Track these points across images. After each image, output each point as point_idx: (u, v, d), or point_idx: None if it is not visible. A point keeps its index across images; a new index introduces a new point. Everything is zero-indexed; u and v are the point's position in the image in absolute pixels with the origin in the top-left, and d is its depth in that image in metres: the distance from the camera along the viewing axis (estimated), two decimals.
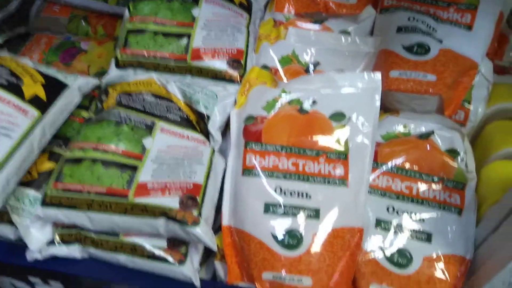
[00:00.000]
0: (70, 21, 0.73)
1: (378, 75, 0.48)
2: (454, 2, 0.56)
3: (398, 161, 0.50)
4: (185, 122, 0.49)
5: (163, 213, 0.41)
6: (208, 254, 0.50)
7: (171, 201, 0.42)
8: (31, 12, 0.74)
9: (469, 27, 0.54)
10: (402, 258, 0.45)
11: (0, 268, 0.49)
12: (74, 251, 0.45)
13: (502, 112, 0.57)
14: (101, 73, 0.64)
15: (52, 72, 0.49)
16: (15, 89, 0.45)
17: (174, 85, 0.51)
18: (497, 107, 0.56)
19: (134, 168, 0.44)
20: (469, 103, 0.55)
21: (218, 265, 0.48)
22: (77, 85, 0.50)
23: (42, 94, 0.46)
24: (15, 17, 0.73)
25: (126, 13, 0.55)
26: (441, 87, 0.49)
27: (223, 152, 0.52)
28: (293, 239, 0.44)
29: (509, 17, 0.69)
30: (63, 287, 0.50)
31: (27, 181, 0.46)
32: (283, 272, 0.43)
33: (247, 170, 0.47)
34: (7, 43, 0.71)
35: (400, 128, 0.52)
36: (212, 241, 0.42)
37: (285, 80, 0.56)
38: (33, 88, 0.46)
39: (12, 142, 0.42)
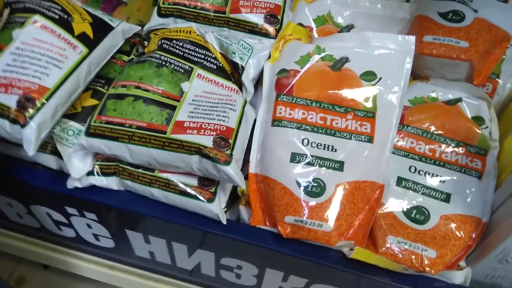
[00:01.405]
0: None
1: (412, 38, 0.50)
2: None
3: (424, 124, 0.51)
4: (221, 71, 0.52)
5: (198, 150, 0.44)
6: (233, 200, 0.53)
7: (206, 140, 0.44)
8: None
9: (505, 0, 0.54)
10: (420, 214, 0.47)
11: (38, 197, 0.53)
12: (111, 182, 0.49)
13: None
14: (139, 26, 0.66)
15: (99, 13, 0.52)
16: (66, 24, 0.48)
17: (212, 35, 0.53)
18: None
19: (173, 108, 0.46)
20: (498, 76, 0.56)
21: (242, 209, 0.51)
22: (121, 28, 0.52)
23: (90, 32, 0.49)
24: None
25: None
26: (473, 54, 0.50)
27: (254, 106, 0.54)
28: (316, 187, 0.47)
29: None
30: (97, 219, 0.53)
31: (71, 114, 0.49)
32: (305, 217, 0.46)
33: (277, 121, 0.49)
34: None
35: (428, 94, 0.53)
36: (241, 180, 0.45)
37: None
38: (82, 25, 0.49)
39: (62, 72, 0.45)
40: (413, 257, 0.45)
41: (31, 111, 0.42)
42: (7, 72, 0.43)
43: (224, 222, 0.47)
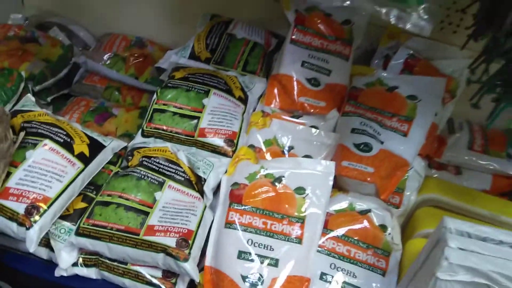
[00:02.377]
0: (106, 90, 0.91)
1: (332, 164, 0.66)
2: (397, 113, 0.75)
3: (343, 230, 0.66)
4: (187, 182, 0.66)
5: (163, 249, 0.57)
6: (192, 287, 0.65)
7: (170, 241, 0.57)
8: (75, 78, 0.94)
9: (404, 134, 0.72)
10: None
11: (29, 282, 0.64)
12: (91, 272, 0.60)
13: (429, 201, 0.74)
14: (126, 135, 0.81)
15: (95, 135, 0.67)
16: (69, 146, 0.62)
17: (182, 153, 0.68)
18: (425, 196, 0.74)
19: (146, 213, 0.60)
20: (403, 191, 0.73)
21: None
22: (112, 146, 0.68)
23: (86, 151, 0.64)
24: (63, 80, 0.92)
25: (155, 96, 0.73)
26: (376, 178, 0.67)
27: (213, 208, 0.68)
28: (256, 280, 0.59)
29: (449, 125, 0.90)
30: None
31: (64, 215, 0.61)
32: None
33: (228, 224, 0.63)
34: (53, 101, 0.89)
35: (347, 204, 0.69)
36: (196, 275, 0.57)
37: (267, 157, 0.73)
38: (81, 146, 0.63)
39: (62, 185, 0.59)
40: None
41: (36, 217, 0.55)
42: (19, 184, 0.57)
43: None
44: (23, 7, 1.07)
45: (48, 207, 0.56)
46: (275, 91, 0.78)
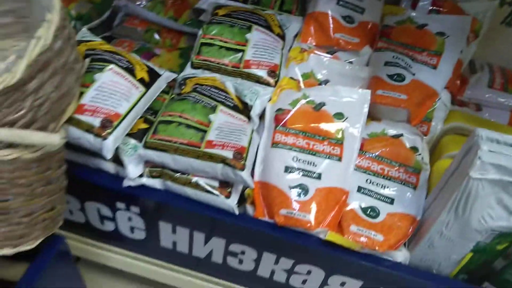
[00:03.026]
0: (146, 32, 0.96)
1: (368, 92, 0.72)
2: (427, 48, 0.80)
3: (377, 151, 0.73)
4: (236, 108, 0.73)
5: (222, 160, 0.64)
6: (241, 201, 0.72)
7: (227, 153, 0.64)
8: (115, 21, 0.99)
9: (434, 67, 0.78)
10: (372, 212, 0.68)
11: (97, 194, 0.71)
12: (156, 183, 0.68)
13: (454, 129, 0.81)
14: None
15: (151, 64, 0.73)
16: (131, 71, 0.68)
17: (230, 83, 0.74)
18: (450, 125, 0.80)
19: (204, 131, 0.67)
20: (431, 120, 0.79)
21: (248, 207, 0.71)
22: (165, 76, 0.74)
23: (146, 77, 0.70)
24: (105, 23, 0.96)
25: (200, 31, 0.79)
26: (409, 104, 0.73)
27: (258, 133, 0.75)
28: (302, 190, 0.67)
29: (470, 65, 0.95)
30: (139, 212, 0.71)
31: (130, 133, 0.68)
32: (294, 210, 0.66)
33: (275, 144, 0.70)
34: None
35: (380, 130, 0.76)
36: (251, 182, 0.65)
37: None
38: (141, 73, 0.69)
39: (129, 104, 0.65)
40: (367, 240, 0.65)
41: (110, 129, 0.62)
42: (92, 102, 0.63)
43: (237, 213, 0.67)
44: None
45: (120, 122, 0.63)
46: (311, 28, 0.84)
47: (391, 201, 0.69)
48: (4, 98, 0.48)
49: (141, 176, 0.68)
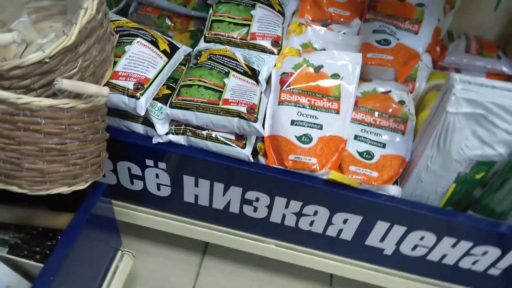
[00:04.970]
0: (158, 18, 1.07)
1: (359, 54, 0.83)
2: (408, 17, 0.92)
3: (369, 105, 0.84)
4: (245, 73, 0.84)
5: (238, 114, 0.74)
6: (255, 155, 0.83)
7: (242, 109, 0.75)
8: (131, 9, 1.09)
9: (416, 33, 0.90)
10: (368, 155, 0.79)
11: (128, 152, 0.81)
12: (181, 139, 0.78)
13: (435, 86, 0.92)
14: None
15: (170, 39, 0.84)
16: (155, 44, 0.79)
17: (239, 53, 0.85)
18: (432, 83, 0.92)
19: (220, 92, 0.78)
20: (415, 79, 0.91)
21: (260, 158, 0.81)
22: (183, 49, 0.84)
23: (168, 49, 0.80)
24: (121, 11, 1.07)
25: (211, 10, 0.90)
26: (395, 63, 0.84)
27: (265, 95, 0.85)
28: (306, 138, 0.78)
29: (449, 34, 1.07)
30: (166, 168, 0.82)
31: (156, 98, 0.78)
32: (301, 155, 0.76)
33: (281, 102, 0.81)
34: None
35: (371, 88, 0.87)
36: (263, 131, 0.76)
37: None
38: (163, 45, 0.80)
39: (156, 71, 0.76)
40: (364, 177, 0.76)
41: (141, 91, 0.73)
42: (125, 68, 0.74)
43: (252, 160, 0.77)
44: None
45: (149, 85, 0.74)
46: (307, 5, 0.95)
47: (384, 145, 0.80)
48: (62, 57, 0.59)
49: (167, 134, 0.78)
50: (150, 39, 0.79)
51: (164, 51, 0.80)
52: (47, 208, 0.77)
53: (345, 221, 0.82)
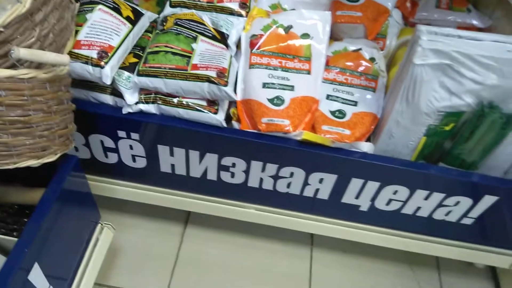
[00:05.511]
0: None
1: (328, 12, 0.82)
2: None
3: (340, 64, 0.84)
4: (214, 38, 0.82)
5: (207, 79, 0.73)
6: (228, 121, 0.82)
7: (212, 73, 0.74)
8: None
9: None
10: (340, 113, 0.80)
11: (98, 125, 0.80)
12: (151, 108, 0.77)
13: (405, 42, 0.92)
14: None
15: (133, 5, 0.81)
16: (117, 11, 0.77)
17: (206, 17, 0.83)
18: (402, 39, 0.92)
19: (188, 57, 0.76)
20: (385, 36, 0.90)
21: (234, 123, 0.81)
22: (148, 15, 0.82)
23: (131, 15, 0.78)
24: None
25: None
26: (364, 19, 0.84)
27: (236, 59, 0.84)
28: (278, 100, 0.77)
29: None
30: (139, 138, 0.81)
31: (122, 67, 0.76)
32: (274, 117, 0.76)
33: (252, 65, 0.80)
34: None
35: (342, 47, 0.86)
36: (234, 96, 0.75)
37: None
38: (127, 11, 0.78)
39: (120, 38, 0.74)
40: (337, 135, 0.77)
41: (106, 59, 0.71)
42: (88, 37, 0.72)
43: (225, 126, 0.77)
44: None
45: (114, 53, 0.72)
46: None
47: (355, 103, 0.81)
48: (18, 26, 0.56)
49: (137, 103, 0.77)
50: (112, 6, 0.76)
51: (127, 18, 0.77)
52: (20, 185, 0.76)
53: (321, 181, 0.83)
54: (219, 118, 0.76)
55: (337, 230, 0.94)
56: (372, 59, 0.85)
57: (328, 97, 0.81)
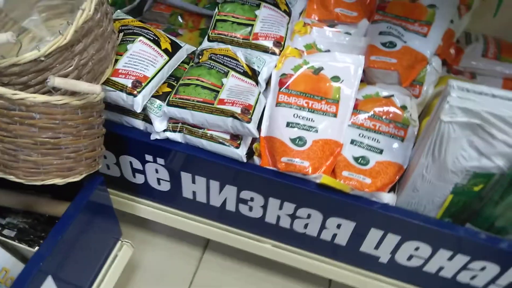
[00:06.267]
0: (171, 16, 1.09)
1: (362, 57, 0.82)
2: (418, 19, 0.89)
3: (369, 109, 0.83)
4: (245, 74, 0.84)
5: (232, 114, 0.75)
6: (250, 155, 0.84)
7: (236, 109, 0.76)
8: (145, 7, 1.12)
9: (425, 35, 0.86)
10: (363, 160, 0.78)
11: (129, 147, 0.84)
12: (178, 136, 0.80)
13: (440, 93, 0.88)
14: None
15: (173, 38, 0.85)
16: (157, 43, 0.81)
17: (240, 53, 0.86)
18: (440, 88, 0.88)
19: (217, 91, 0.79)
20: (422, 84, 0.87)
21: (256, 159, 0.82)
22: (186, 48, 0.86)
23: (169, 48, 0.82)
24: (136, 9, 1.10)
25: (216, 9, 0.91)
26: (399, 66, 0.82)
27: (265, 96, 0.86)
28: (300, 141, 0.77)
29: (466, 37, 1.03)
30: (164, 163, 0.84)
31: (156, 95, 0.81)
32: (294, 158, 0.76)
33: (279, 103, 0.81)
34: None
35: (374, 92, 0.85)
36: (256, 133, 0.76)
37: None
38: (165, 44, 0.82)
39: (155, 69, 0.78)
40: (357, 183, 0.75)
41: (139, 89, 0.75)
42: (125, 67, 0.77)
43: (245, 161, 0.78)
44: None
45: (147, 83, 0.76)
46: (314, 5, 0.94)
47: (380, 151, 0.78)
48: (58, 56, 0.62)
49: (165, 131, 0.80)
50: (152, 38, 0.81)
51: (165, 50, 0.82)
52: (50, 196, 0.82)
53: (338, 226, 0.81)
54: (240, 153, 0.77)
55: (355, 279, 0.91)
56: (403, 107, 0.82)
57: (353, 142, 0.80)
